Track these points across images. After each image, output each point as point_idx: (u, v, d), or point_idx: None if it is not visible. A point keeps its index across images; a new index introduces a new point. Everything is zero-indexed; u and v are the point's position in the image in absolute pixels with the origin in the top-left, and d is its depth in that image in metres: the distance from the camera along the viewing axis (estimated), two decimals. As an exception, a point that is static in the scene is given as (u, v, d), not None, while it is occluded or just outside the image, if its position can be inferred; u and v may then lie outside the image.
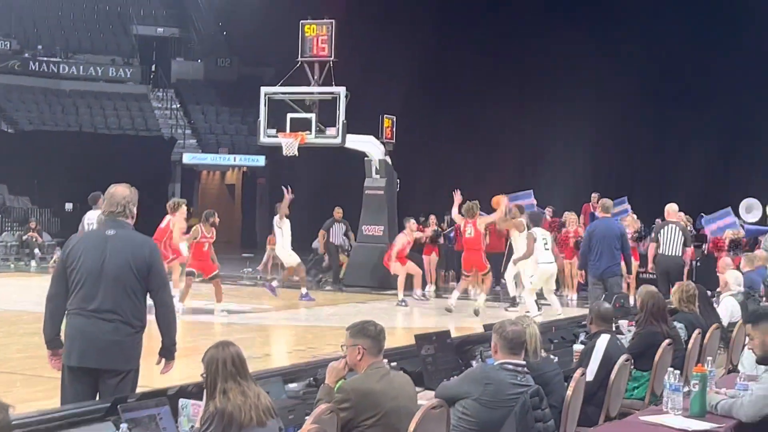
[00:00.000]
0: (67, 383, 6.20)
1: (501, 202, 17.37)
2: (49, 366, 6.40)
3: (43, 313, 6.29)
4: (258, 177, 37.78)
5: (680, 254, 16.31)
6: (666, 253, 16.01)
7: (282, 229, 18.51)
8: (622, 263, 15.08)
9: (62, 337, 6.24)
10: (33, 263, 27.10)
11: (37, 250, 27.55)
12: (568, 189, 27.17)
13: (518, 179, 29.27)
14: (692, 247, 19.97)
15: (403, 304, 18.62)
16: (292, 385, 6.59)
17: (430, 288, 21.84)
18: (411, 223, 19.90)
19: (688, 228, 19.56)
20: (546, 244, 16.82)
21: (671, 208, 16.46)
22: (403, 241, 19.59)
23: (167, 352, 6.36)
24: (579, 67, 28.42)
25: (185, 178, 38.57)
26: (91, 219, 15.08)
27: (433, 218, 22.91)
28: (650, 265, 16.93)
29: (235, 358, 5.00)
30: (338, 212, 23.07)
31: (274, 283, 19.07)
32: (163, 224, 16.18)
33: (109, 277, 6.05)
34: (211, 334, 14.29)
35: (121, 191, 6.36)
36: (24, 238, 28.10)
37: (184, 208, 16.43)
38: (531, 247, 16.41)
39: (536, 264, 16.57)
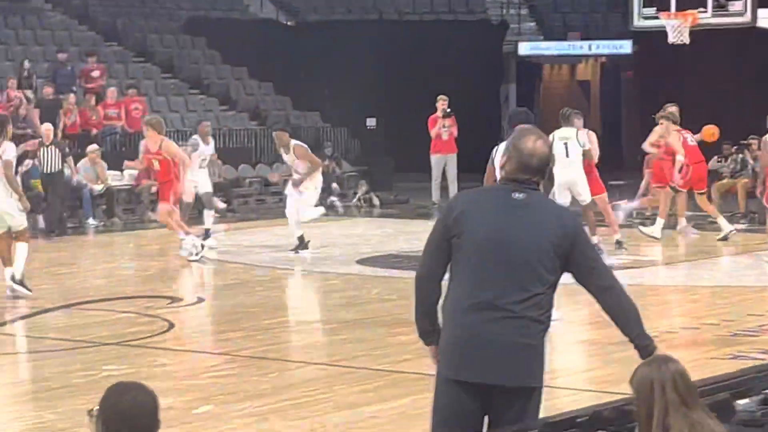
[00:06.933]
0: (445, 401, 6.16)
1: None
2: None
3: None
4: (623, 70, 37.48)
5: None
6: None
7: None
8: None
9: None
10: (338, 203, 27.22)
11: (335, 185, 27.99)
12: None
13: None
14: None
15: None
16: (743, 402, 6.37)
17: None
18: None
19: None
20: None
21: None
22: None
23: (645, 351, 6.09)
24: None
25: (522, 76, 38.94)
26: None
27: None
28: None
29: (678, 381, 5.02)
30: None
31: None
32: None
33: (517, 258, 6.04)
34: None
35: (543, 150, 6.21)
36: (318, 170, 28.83)
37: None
38: None
39: None
